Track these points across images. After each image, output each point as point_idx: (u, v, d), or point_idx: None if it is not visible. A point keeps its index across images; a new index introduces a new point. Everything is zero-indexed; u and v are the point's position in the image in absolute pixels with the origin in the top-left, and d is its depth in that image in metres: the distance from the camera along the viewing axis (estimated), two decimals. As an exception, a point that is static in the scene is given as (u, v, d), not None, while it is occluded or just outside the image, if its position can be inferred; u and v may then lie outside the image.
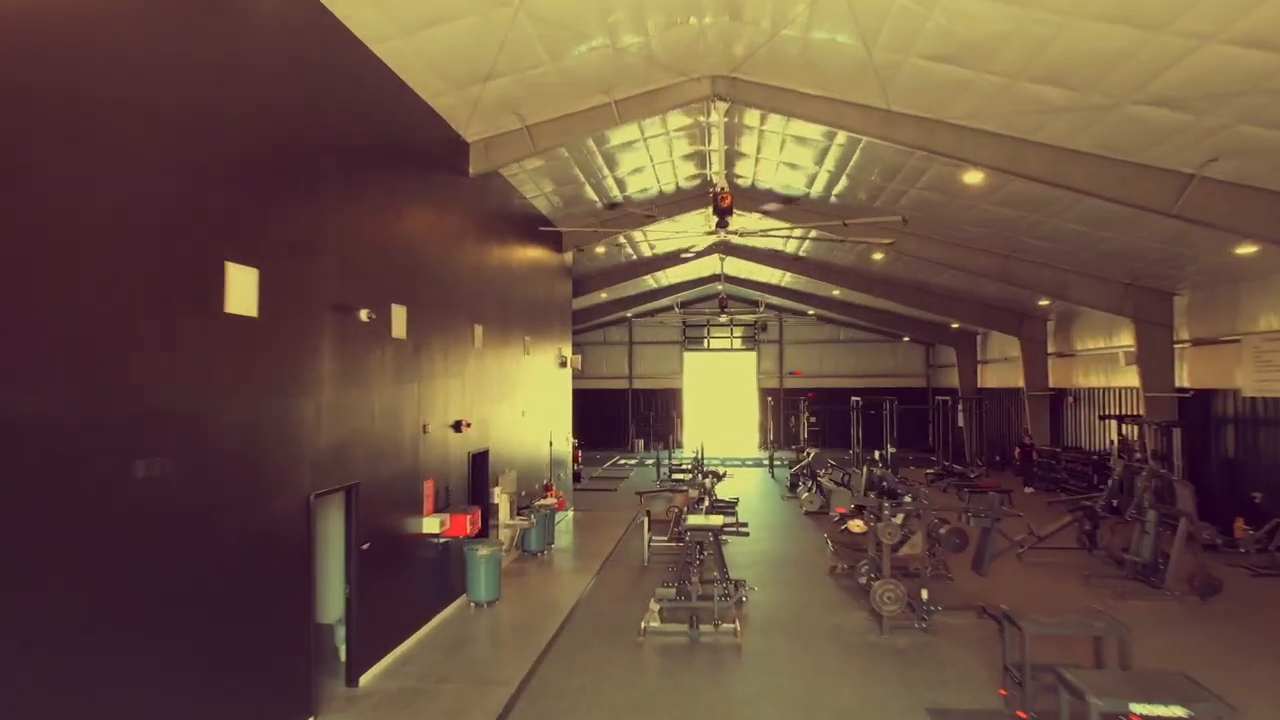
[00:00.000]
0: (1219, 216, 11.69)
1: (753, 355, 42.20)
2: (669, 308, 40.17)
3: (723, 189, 12.29)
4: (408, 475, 10.47)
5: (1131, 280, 18.67)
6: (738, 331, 42.28)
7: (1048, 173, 12.08)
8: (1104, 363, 23.14)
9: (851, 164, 15.67)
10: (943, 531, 12.82)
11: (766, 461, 33.03)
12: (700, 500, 17.55)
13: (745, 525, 14.24)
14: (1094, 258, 17.67)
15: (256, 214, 7.09)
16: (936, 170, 14.83)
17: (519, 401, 16.25)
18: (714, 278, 34.07)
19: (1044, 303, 22.19)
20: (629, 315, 38.52)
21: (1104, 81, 9.59)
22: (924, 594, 11.05)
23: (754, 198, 18.90)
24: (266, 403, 7.13)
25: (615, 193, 17.20)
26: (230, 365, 6.59)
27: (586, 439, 41.36)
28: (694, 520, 13.13)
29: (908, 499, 13.59)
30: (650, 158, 16.72)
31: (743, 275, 33.57)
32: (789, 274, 30.00)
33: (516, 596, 12.73)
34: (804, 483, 24.54)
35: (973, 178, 13.49)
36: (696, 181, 19.48)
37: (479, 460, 13.43)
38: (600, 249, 22.05)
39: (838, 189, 17.11)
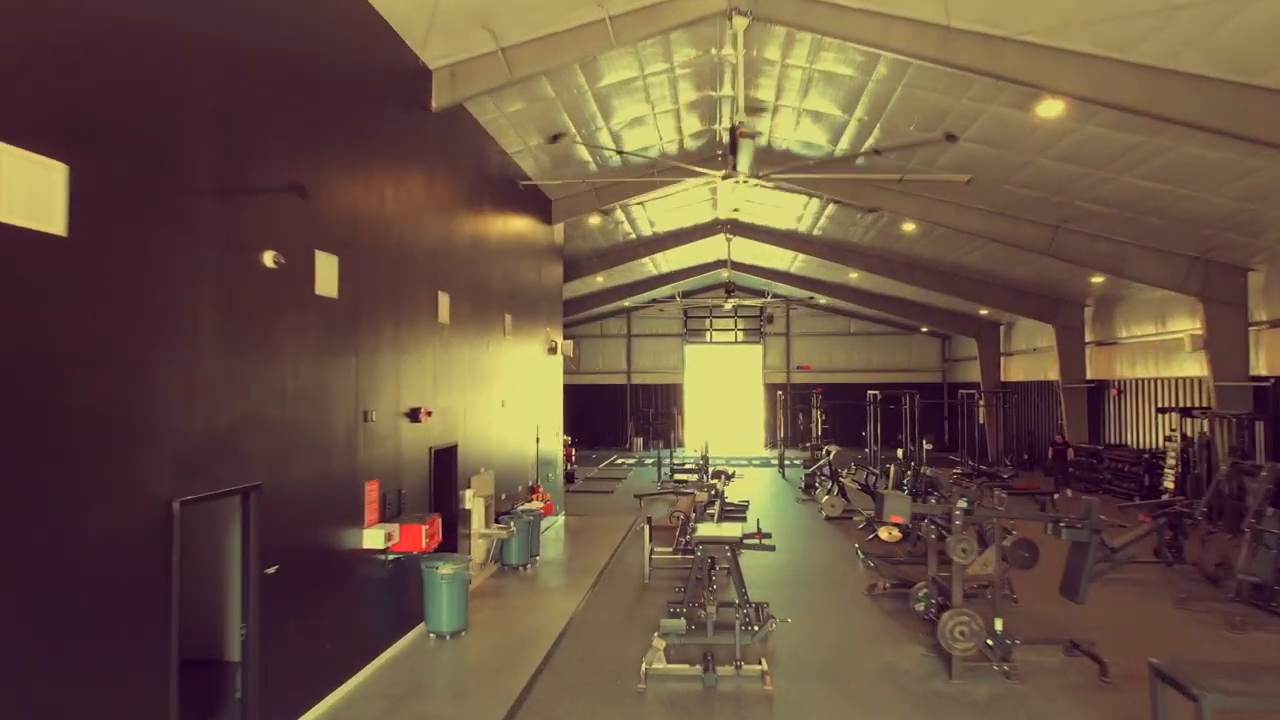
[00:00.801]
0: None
1: (758, 349, 39.86)
2: (670, 298, 37.80)
3: (741, 123, 9.93)
4: (340, 476, 8.12)
5: (1200, 253, 16.34)
6: (742, 324, 39.94)
7: (1145, 100, 9.75)
8: (1155, 351, 20.83)
9: (889, 108, 13.33)
10: (1007, 544, 10.52)
11: (776, 461, 30.70)
12: (710, 504, 15.20)
13: (768, 536, 11.91)
14: (1161, 225, 15.34)
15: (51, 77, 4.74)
16: (990, 116, 12.52)
17: (498, 390, 13.91)
18: (719, 264, 31.69)
19: (1096, 279, 19.64)
20: (626, 304, 36.15)
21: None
22: (998, 624, 8.73)
23: (770, 161, 16.57)
24: (87, 369, 4.78)
25: (610, 149, 14.85)
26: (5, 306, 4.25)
27: (582, 437, 39.07)
28: (705, 530, 10.79)
29: (961, 503, 11.29)
30: (651, 104, 14.37)
31: (749, 261, 31.25)
32: (800, 257, 27.66)
33: (489, 624, 10.37)
34: (821, 483, 22.20)
35: (1049, 109, 11.14)
36: (702, 141, 17.13)
37: (444, 457, 11.08)
38: (594, 220, 19.70)
39: (869, 142, 14.76)
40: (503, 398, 14.11)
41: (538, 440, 16.69)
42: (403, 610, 9.55)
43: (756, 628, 9.00)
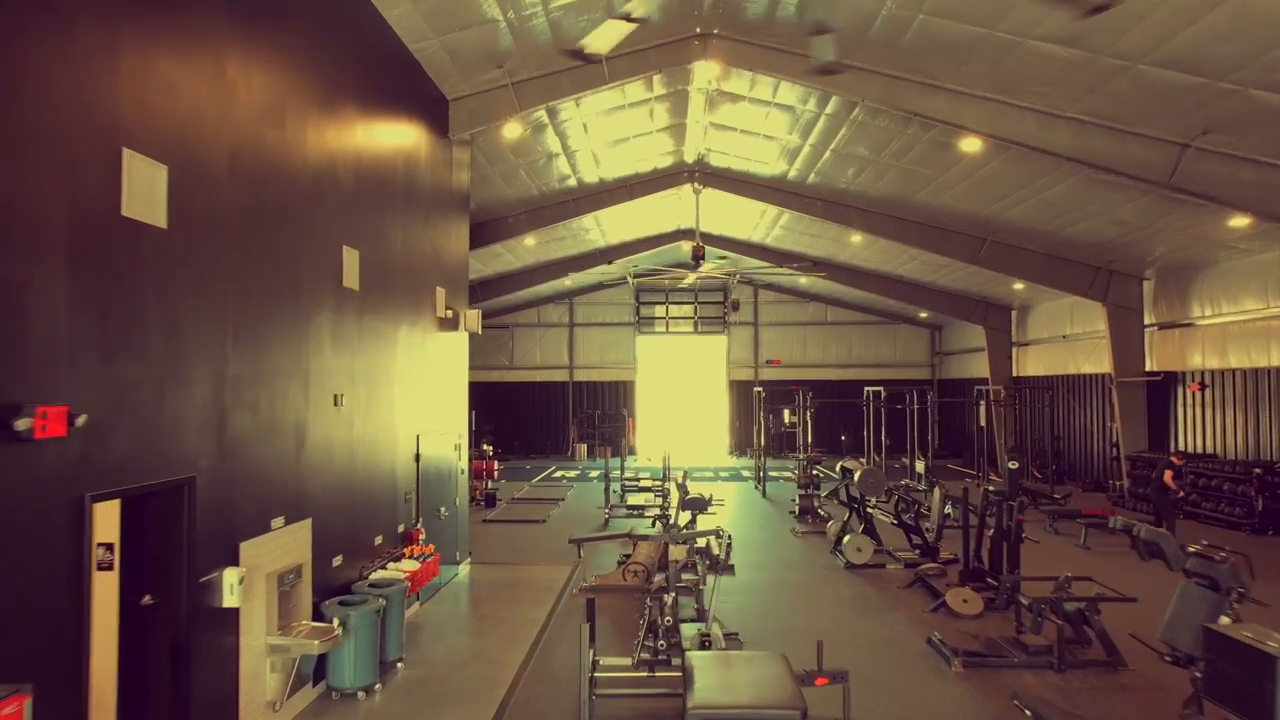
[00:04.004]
0: None
1: (721, 340, 34.34)
2: (621, 280, 32.05)
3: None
4: None
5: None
6: (704, 311, 34.37)
7: None
8: (1259, 335, 15.87)
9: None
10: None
11: (751, 474, 25.19)
12: (691, 563, 9.45)
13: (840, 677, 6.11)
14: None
15: None
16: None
17: (324, 380, 7.99)
18: (681, 234, 26.08)
19: (1239, 222, 13.47)
20: (568, 284, 30.26)
21: None
22: None
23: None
24: None
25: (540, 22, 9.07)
26: None
27: (514, 444, 33.08)
28: (707, 694, 4.99)
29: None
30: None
31: (717, 231, 25.67)
32: (783, 219, 22.14)
33: None
34: (827, 512, 16.71)
35: None
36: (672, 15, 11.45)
37: (150, 510, 5.15)
38: (513, 130, 13.74)
39: None
40: (336, 391, 8.17)
41: (418, 458, 10.74)
42: None
43: None
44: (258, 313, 6.56)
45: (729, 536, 7.65)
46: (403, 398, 10.22)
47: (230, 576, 5.93)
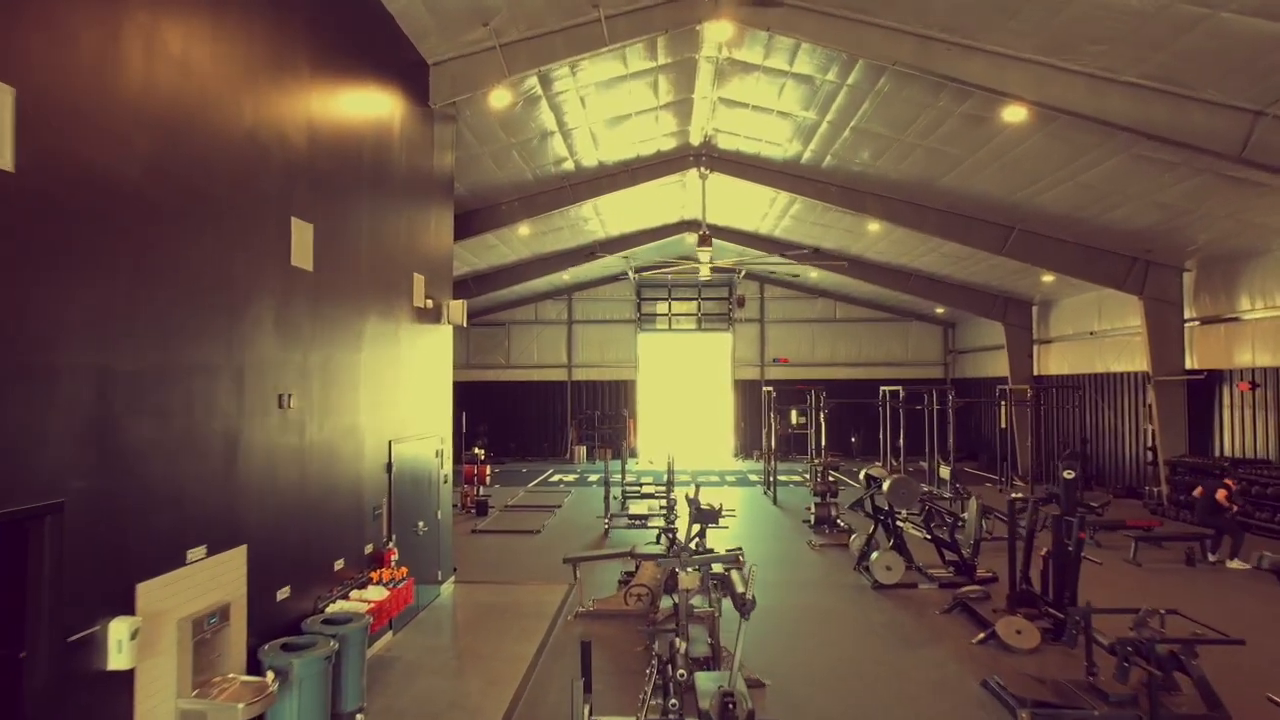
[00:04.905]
0: None
1: (726, 338, 33.00)
2: (621, 275, 30.73)
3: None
4: None
5: None
6: (708, 308, 33.01)
7: None
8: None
9: None
10: None
11: (759, 477, 23.88)
12: (704, 588, 8.12)
13: None
14: None
15: None
16: None
17: (267, 375, 6.65)
18: (685, 225, 24.76)
19: (1208, 234, 12.66)
20: (566, 278, 28.94)
21: None
22: None
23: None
24: None
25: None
26: None
27: (510, 446, 31.71)
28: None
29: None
30: None
31: (722, 222, 24.33)
32: (795, 206, 20.78)
33: None
34: (846, 522, 15.43)
35: None
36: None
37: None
38: (501, 98, 12.37)
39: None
40: (282, 390, 6.83)
41: (390, 468, 9.40)
42: None
43: None
44: (166, 292, 5.22)
45: (751, 567, 6.29)
46: (371, 398, 8.88)
47: (118, 630, 4.59)
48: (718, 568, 7.59)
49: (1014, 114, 11.58)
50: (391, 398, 9.54)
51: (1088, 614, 7.58)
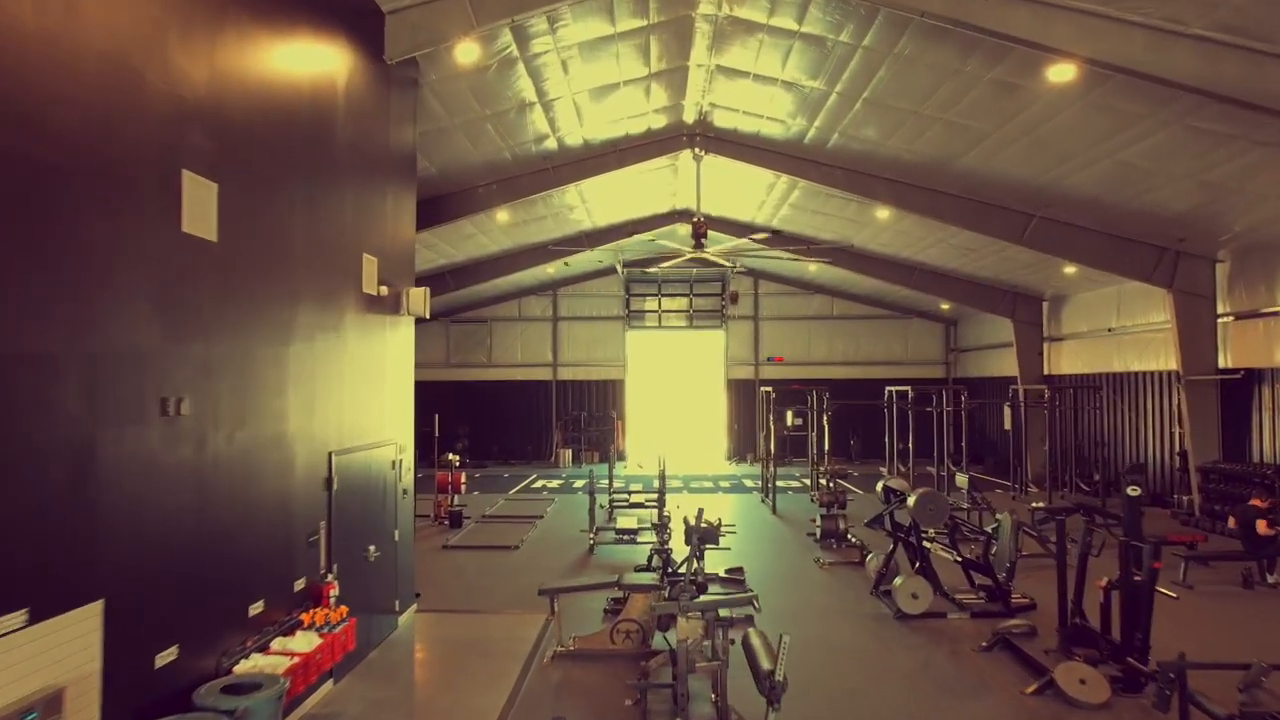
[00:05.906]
0: None
1: (719, 335, 31.52)
2: (609, 269, 29.17)
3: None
4: None
5: None
6: (701, 303, 31.52)
7: None
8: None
9: None
10: None
11: (758, 486, 22.43)
12: (710, 633, 6.60)
13: None
14: None
15: None
16: None
17: (144, 371, 5.12)
18: (676, 215, 23.28)
19: (1245, 221, 11.27)
20: (551, 272, 27.37)
21: None
22: None
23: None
24: None
25: None
26: None
27: (492, 449, 30.08)
28: None
29: None
30: None
31: (716, 212, 22.84)
32: (796, 191, 19.30)
33: None
34: (856, 537, 13.98)
35: None
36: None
37: None
38: (470, 52, 10.74)
39: None
40: (168, 392, 5.28)
41: (330, 483, 7.84)
42: None
43: None
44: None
45: (783, 637, 4.81)
46: (303, 402, 7.33)
47: None
48: (725, 612, 6.11)
49: (1060, 73, 10.09)
50: (333, 401, 7.99)
51: (1182, 669, 6.12)
